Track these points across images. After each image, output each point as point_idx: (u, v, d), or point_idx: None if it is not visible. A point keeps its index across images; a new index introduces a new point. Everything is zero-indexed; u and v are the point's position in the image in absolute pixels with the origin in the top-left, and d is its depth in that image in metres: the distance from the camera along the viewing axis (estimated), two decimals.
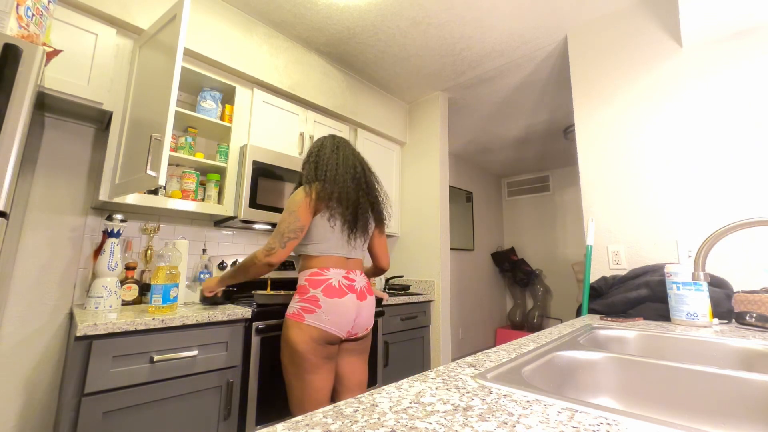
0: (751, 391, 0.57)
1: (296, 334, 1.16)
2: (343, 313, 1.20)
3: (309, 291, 1.19)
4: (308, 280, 1.22)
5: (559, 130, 3.41)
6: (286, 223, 1.21)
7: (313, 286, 1.20)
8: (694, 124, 1.55)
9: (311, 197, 1.25)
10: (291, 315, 1.19)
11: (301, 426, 0.35)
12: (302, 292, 1.20)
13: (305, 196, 1.24)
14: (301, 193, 1.25)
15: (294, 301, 1.21)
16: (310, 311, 1.17)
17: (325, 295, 1.19)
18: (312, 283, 1.21)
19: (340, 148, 1.38)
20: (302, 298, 1.19)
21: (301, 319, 1.17)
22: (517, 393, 0.46)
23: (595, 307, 1.39)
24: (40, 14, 1.00)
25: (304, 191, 1.25)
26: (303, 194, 1.25)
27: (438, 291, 2.43)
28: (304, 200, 1.24)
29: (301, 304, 1.19)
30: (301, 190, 1.26)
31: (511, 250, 4.67)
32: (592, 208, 1.80)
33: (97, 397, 1.03)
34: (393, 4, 1.87)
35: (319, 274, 1.22)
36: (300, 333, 1.15)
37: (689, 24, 1.51)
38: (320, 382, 1.17)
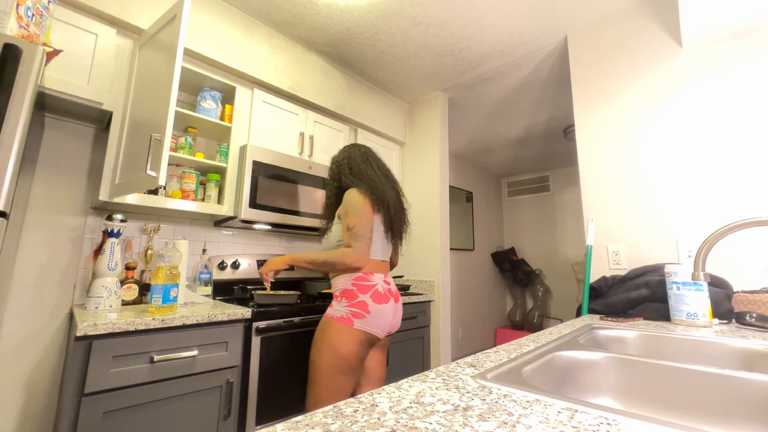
0: (751, 391, 0.57)
1: (343, 338, 1.19)
2: (386, 316, 1.26)
3: (358, 296, 1.23)
4: (356, 285, 1.25)
5: (559, 130, 3.41)
6: (362, 225, 1.25)
7: (362, 292, 1.24)
8: (694, 124, 1.55)
9: (368, 199, 1.30)
10: (338, 319, 1.21)
11: (301, 426, 0.35)
12: (350, 297, 1.23)
13: (364, 197, 1.29)
14: (359, 195, 1.29)
15: (340, 305, 1.24)
16: (360, 316, 1.20)
17: (374, 301, 1.24)
18: (360, 289, 1.24)
19: (370, 156, 1.45)
20: (351, 302, 1.22)
21: (349, 323, 1.20)
22: (517, 393, 0.46)
23: (595, 307, 1.39)
24: (40, 14, 1.00)
25: (359, 193, 1.30)
26: (361, 196, 1.29)
27: (438, 291, 2.43)
28: (366, 202, 1.29)
29: (350, 309, 1.22)
30: (356, 192, 1.30)
31: (511, 250, 4.67)
32: (592, 208, 1.80)
33: (97, 397, 1.03)
34: (393, 4, 1.87)
35: (365, 279, 1.26)
36: (348, 337, 1.19)
37: (689, 24, 1.51)
38: (350, 383, 1.22)
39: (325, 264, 1.26)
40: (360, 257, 1.24)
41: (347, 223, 1.27)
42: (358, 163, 1.41)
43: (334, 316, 1.23)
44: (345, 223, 1.28)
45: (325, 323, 1.24)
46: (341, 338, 1.19)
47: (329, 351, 1.19)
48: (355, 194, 1.30)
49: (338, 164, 1.44)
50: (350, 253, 1.24)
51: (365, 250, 1.24)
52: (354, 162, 1.42)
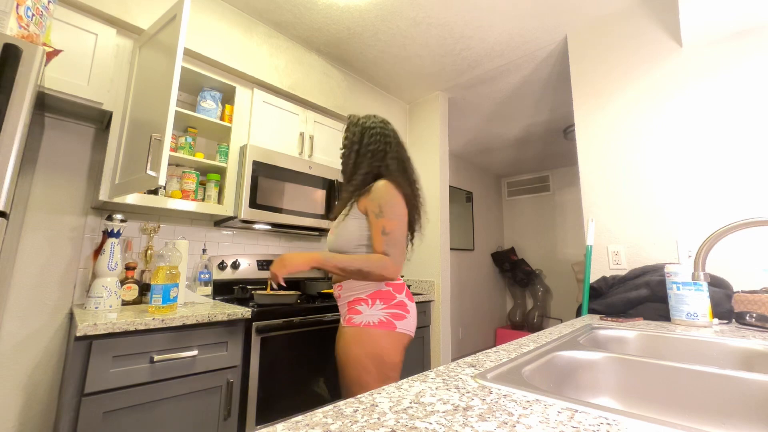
0: (751, 391, 0.57)
1: (389, 344, 1.05)
2: (416, 315, 1.17)
3: (395, 296, 1.11)
4: (391, 284, 1.13)
5: (559, 130, 3.41)
6: (402, 231, 1.09)
7: (398, 291, 1.13)
8: (695, 124, 1.55)
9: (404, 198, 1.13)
10: (378, 324, 1.06)
11: (301, 426, 0.35)
12: (387, 298, 1.10)
13: (400, 193, 1.12)
14: (395, 190, 1.11)
15: (374, 309, 1.08)
16: (401, 317, 1.09)
17: (410, 300, 1.15)
18: (396, 288, 1.13)
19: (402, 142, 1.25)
20: (390, 304, 1.09)
21: (392, 327, 1.07)
22: (517, 393, 0.46)
23: (595, 307, 1.39)
24: (40, 14, 1.00)
25: (397, 189, 1.11)
26: (397, 191, 1.11)
27: (438, 291, 2.43)
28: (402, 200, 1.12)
29: (390, 311, 1.08)
30: (393, 188, 1.11)
31: (511, 250, 4.67)
32: (592, 208, 1.80)
33: (97, 397, 1.03)
34: (393, 4, 1.87)
35: (398, 279, 1.15)
36: (393, 342, 1.06)
37: (689, 24, 1.51)
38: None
39: (359, 273, 1.07)
40: (398, 269, 1.07)
41: (384, 225, 1.08)
42: (399, 149, 1.20)
43: (371, 323, 1.06)
44: (380, 225, 1.08)
45: (359, 334, 1.05)
46: (387, 345, 1.04)
47: (378, 364, 1.03)
48: (393, 191, 1.10)
49: (380, 138, 1.18)
50: (389, 263, 1.05)
51: (402, 260, 1.08)
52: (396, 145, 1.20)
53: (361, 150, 1.18)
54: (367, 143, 1.18)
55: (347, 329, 1.08)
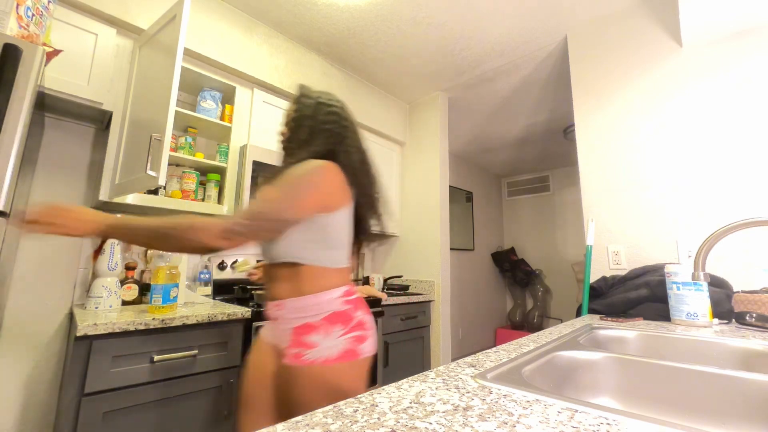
0: (751, 391, 0.57)
1: (354, 376, 0.84)
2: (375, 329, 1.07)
3: (354, 316, 0.88)
4: (350, 302, 0.90)
5: (559, 130, 3.40)
6: (280, 210, 0.79)
7: (356, 308, 0.91)
8: (695, 124, 1.55)
9: (348, 183, 0.91)
10: (340, 357, 0.82)
11: (301, 426, 0.35)
12: (346, 320, 0.86)
13: (336, 174, 0.87)
14: (332, 176, 0.86)
15: (334, 337, 0.83)
16: (363, 339, 0.88)
17: (368, 314, 0.94)
18: (354, 305, 0.91)
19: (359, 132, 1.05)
20: (350, 326, 0.86)
21: (355, 355, 0.84)
22: (517, 393, 0.46)
23: (595, 307, 1.39)
24: (40, 14, 1.00)
25: (336, 174, 0.88)
26: (334, 178, 0.87)
27: (438, 291, 2.43)
28: (336, 179, 0.87)
29: (351, 335, 0.85)
30: (333, 170, 0.87)
31: (511, 250, 4.67)
32: (592, 208, 1.80)
33: (97, 397, 1.03)
34: (393, 4, 1.87)
35: (351, 293, 0.93)
36: (358, 372, 0.85)
37: (689, 24, 1.51)
38: None
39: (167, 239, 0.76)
40: (224, 241, 0.75)
41: (267, 192, 0.81)
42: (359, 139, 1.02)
43: (331, 357, 0.81)
44: (264, 191, 0.83)
45: (320, 374, 0.80)
46: (352, 377, 0.83)
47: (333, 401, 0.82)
48: (328, 174, 0.86)
49: (337, 120, 0.98)
50: (215, 227, 0.75)
51: (245, 239, 0.77)
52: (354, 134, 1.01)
53: (316, 126, 0.96)
54: (323, 120, 0.97)
55: (301, 370, 0.80)
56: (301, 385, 0.81)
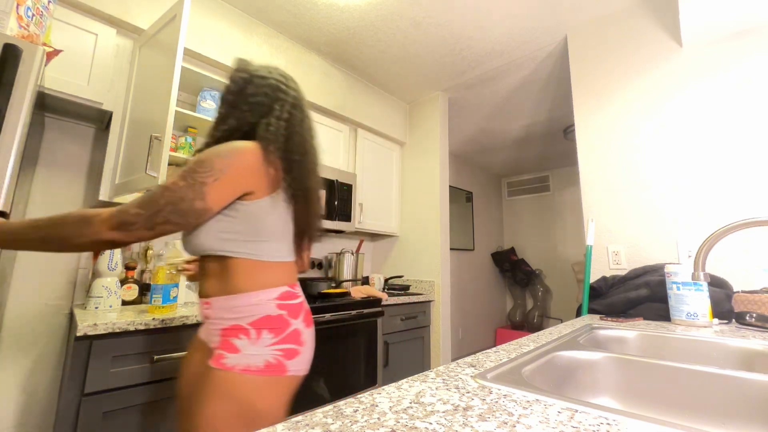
0: (751, 391, 0.57)
1: (274, 396, 0.72)
2: (313, 345, 0.84)
3: (290, 323, 0.77)
4: (285, 306, 0.78)
5: (559, 130, 3.41)
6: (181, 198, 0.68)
7: (294, 315, 0.78)
8: (695, 124, 1.55)
9: (270, 164, 0.78)
10: (263, 369, 0.71)
11: (301, 426, 0.35)
12: (279, 327, 0.75)
13: (251, 156, 0.75)
14: (248, 150, 0.75)
15: (261, 344, 0.72)
16: (294, 354, 0.75)
17: (307, 325, 0.82)
18: (292, 310, 0.78)
19: (306, 113, 0.91)
20: (282, 336, 0.74)
21: (281, 371, 0.72)
22: (517, 393, 0.46)
23: (595, 307, 1.39)
24: (40, 14, 1.00)
25: (251, 154, 0.75)
26: (249, 151, 0.75)
27: (438, 291, 2.43)
28: (249, 161, 0.75)
29: (281, 347, 0.74)
30: (248, 150, 0.75)
31: (511, 250, 4.67)
32: (592, 208, 1.80)
33: (97, 397, 1.03)
34: (393, 4, 1.87)
35: (292, 296, 0.81)
36: (280, 391, 0.73)
37: (689, 24, 1.51)
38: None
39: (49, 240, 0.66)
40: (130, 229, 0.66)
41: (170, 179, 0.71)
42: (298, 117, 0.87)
43: (252, 367, 0.70)
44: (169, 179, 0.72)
45: (233, 383, 0.69)
46: (271, 397, 0.71)
47: (250, 424, 0.69)
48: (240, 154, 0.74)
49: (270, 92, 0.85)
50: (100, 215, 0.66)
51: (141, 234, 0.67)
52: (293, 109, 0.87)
53: (238, 101, 0.85)
54: (251, 93, 0.84)
55: (216, 374, 0.70)
56: (209, 392, 0.70)
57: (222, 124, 0.85)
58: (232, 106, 0.85)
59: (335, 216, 2.12)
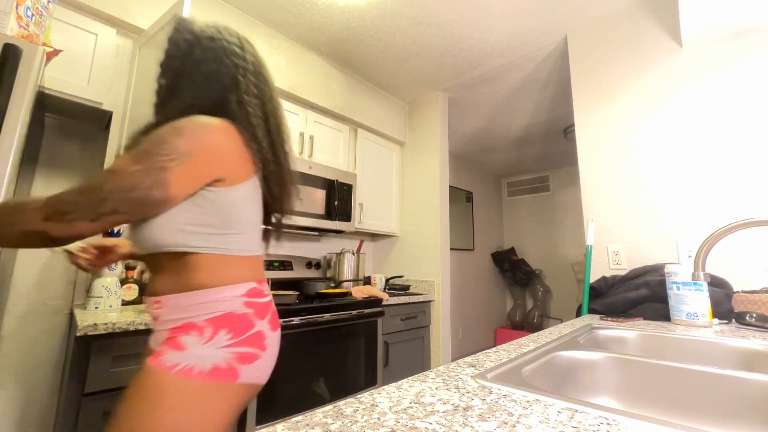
0: (751, 391, 0.57)
1: (216, 407, 0.60)
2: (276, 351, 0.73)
3: (254, 324, 0.67)
4: (253, 304, 0.69)
5: (559, 130, 3.40)
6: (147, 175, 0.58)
7: (261, 314, 0.69)
8: (695, 124, 1.55)
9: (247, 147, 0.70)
10: (209, 373, 0.60)
11: (301, 426, 0.35)
12: (241, 327, 0.65)
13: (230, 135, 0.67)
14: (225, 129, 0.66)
15: (215, 344, 0.62)
16: (251, 359, 0.65)
17: (273, 328, 0.72)
18: (259, 310, 0.69)
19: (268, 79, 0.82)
20: (242, 336, 0.65)
21: (231, 377, 0.62)
22: (517, 393, 0.46)
23: (595, 307, 1.39)
24: (40, 14, 1.00)
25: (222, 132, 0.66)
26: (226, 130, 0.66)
27: (438, 291, 2.43)
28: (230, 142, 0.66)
29: (238, 349, 0.64)
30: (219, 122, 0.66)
31: (511, 250, 4.67)
32: (592, 208, 1.80)
33: (97, 397, 1.03)
34: (393, 4, 1.87)
35: (260, 293, 0.72)
36: (226, 403, 0.62)
37: (689, 24, 1.51)
38: None
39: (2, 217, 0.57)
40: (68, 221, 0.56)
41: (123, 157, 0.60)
42: (262, 86, 0.78)
43: (196, 370, 0.59)
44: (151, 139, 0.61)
45: (167, 387, 0.58)
46: (212, 410, 0.60)
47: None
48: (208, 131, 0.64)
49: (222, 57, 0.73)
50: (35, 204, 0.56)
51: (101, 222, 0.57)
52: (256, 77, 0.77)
53: (188, 70, 0.72)
54: (200, 59, 0.72)
55: (146, 372, 0.60)
56: (131, 395, 0.59)
57: (174, 98, 0.71)
58: (180, 74, 0.72)
59: (335, 216, 2.12)
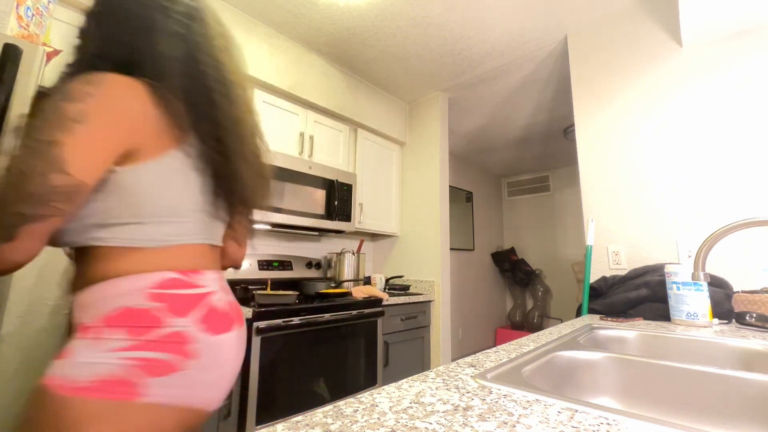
0: (751, 391, 0.57)
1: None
2: (227, 361, 0.58)
3: (163, 321, 0.51)
4: (164, 297, 0.53)
5: (559, 130, 3.40)
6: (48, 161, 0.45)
7: (178, 309, 0.53)
8: (695, 124, 1.55)
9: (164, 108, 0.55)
10: (96, 387, 0.46)
11: (301, 426, 0.35)
12: (144, 325, 0.50)
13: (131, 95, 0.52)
14: (123, 86, 0.52)
15: (104, 348, 0.48)
16: (162, 369, 0.50)
17: (210, 331, 0.55)
18: (175, 303, 0.53)
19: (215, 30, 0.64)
20: (146, 337, 0.50)
21: (129, 393, 0.47)
22: (517, 393, 0.46)
23: (595, 307, 1.39)
24: (40, 14, 1.00)
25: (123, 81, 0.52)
26: (125, 88, 0.52)
27: (438, 291, 2.43)
28: (130, 104, 0.52)
29: (144, 354, 0.49)
30: (129, 79, 0.53)
31: (511, 250, 4.67)
32: (592, 208, 1.80)
33: None
34: (393, 4, 1.87)
35: (182, 284, 0.55)
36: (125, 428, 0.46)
37: (689, 24, 1.51)
38: None
39: None
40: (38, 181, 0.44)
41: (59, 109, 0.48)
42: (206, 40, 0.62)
43: (74, 383, 0.46)
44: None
45: (34, 407, 0.47)
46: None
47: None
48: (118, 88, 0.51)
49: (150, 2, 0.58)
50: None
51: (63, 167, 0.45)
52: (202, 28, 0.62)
53: (102, 14, 0.59)
54: (120, 2, 0.59)
55: (31, 394, 0.48)
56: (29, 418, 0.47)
57: (88, 48, 0.57)
58: (96, 23, 0.58)
59: (335, 216, 2.12)
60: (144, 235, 0.55)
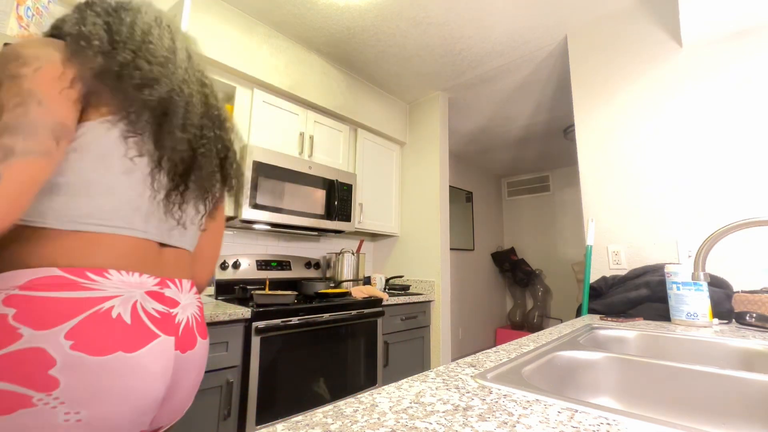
0: (751, 391, 0.57)
1: None
2: (130, 392, 0.45)
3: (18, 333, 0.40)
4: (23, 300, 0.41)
5: (559, 130, 3.40)
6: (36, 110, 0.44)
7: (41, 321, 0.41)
8: (695, 124, 1.55)
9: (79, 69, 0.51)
10: None
11: (301, 426, 0.35)
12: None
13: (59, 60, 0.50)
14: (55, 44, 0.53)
15: None
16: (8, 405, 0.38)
17: (87, 350, 0.42)
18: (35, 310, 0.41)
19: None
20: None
21: None
22: (517, 393, 0.46)
23: (595, 307, 1.39)
24: (40, 14, 1.00)
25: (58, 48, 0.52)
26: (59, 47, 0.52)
27: (438, 291, 2.43)
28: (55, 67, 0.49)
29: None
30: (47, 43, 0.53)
31: (511, 250, 4.67)
32: (592, 208, 1.80)
33: None
34: (393, 4, 1.87)
35: (64, 284, 0.44)
36: None
37: (689, 24, 1.51)
38: None
39: None
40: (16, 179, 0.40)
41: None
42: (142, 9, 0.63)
43: None
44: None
45: None
46: None
47: None
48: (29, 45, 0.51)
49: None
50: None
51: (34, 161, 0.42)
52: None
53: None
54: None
55: None
56: None
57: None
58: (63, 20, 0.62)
59: (335, 216, 2.12)
60: (66, 210, 0.46)
